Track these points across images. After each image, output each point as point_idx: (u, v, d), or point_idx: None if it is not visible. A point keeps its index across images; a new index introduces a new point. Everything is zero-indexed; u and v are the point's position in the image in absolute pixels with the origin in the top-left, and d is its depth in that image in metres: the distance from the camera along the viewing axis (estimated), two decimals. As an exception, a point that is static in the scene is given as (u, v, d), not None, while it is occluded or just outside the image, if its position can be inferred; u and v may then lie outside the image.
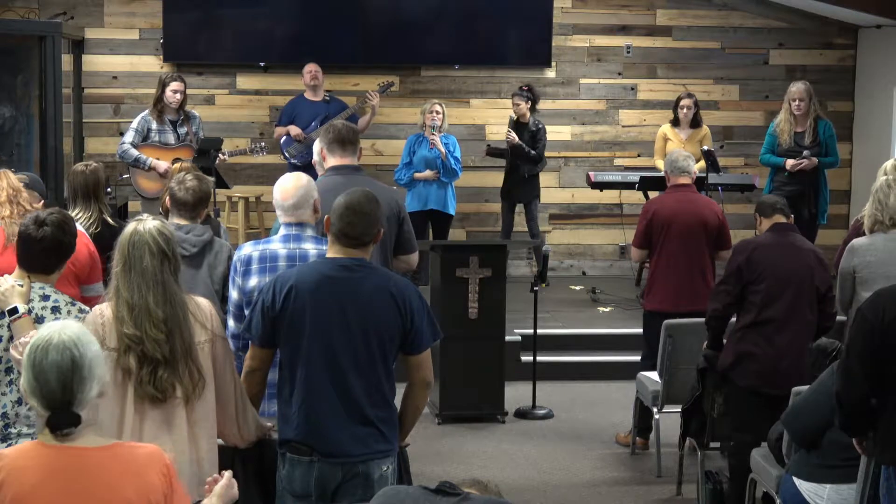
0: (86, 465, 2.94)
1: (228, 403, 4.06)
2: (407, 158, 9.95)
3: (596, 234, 11.62)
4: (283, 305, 4.12)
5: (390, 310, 4.15)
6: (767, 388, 5.77)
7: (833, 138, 9.30)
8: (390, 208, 5.50)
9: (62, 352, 2.94)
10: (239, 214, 10.69)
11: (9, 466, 2.92)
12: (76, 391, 2.94)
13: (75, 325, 3.05)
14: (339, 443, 4.11)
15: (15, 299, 4.12)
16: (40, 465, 2.92)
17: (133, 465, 3.00)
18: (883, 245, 6.10)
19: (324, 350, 4.12)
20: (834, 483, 4.78)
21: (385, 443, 4.20)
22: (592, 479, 6.88)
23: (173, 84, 9.11)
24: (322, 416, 4.12)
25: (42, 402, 2.94)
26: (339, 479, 4.14)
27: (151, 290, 3.86)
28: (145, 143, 9.09)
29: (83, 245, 4.99)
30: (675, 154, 7.43)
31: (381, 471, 4.18)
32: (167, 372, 3.84)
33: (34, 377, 2.94)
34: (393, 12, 11.29)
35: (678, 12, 11.57)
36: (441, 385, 7.83)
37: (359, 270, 4.19)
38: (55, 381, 2.93)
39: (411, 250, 5.63)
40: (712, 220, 7.18)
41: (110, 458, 2.98)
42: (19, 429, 4.14)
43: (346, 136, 5.55)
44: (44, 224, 4.24)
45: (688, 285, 7.12)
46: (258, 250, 4.79)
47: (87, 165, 6.05)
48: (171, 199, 5.21)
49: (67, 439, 2.94)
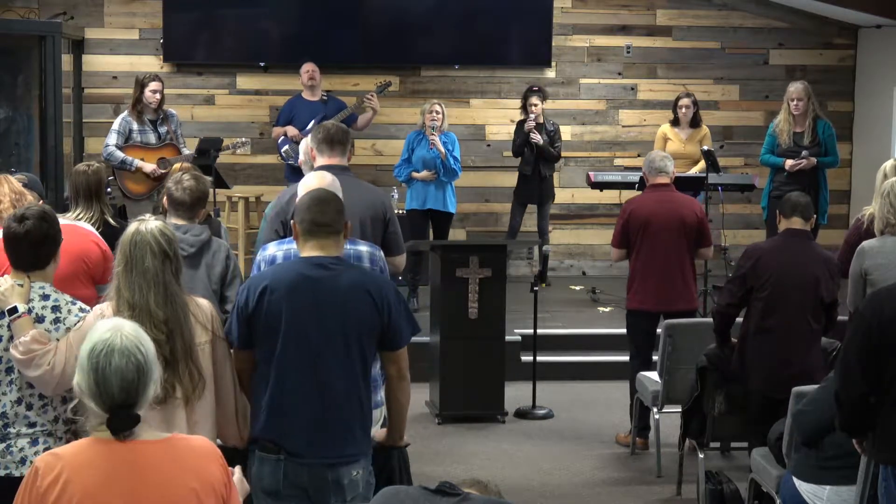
0: (146, 459, 2.92)
1: (228, 404, 4.06)
2: (406, 155, 9.94)
3: (596, 234, 11.62)
4: (256, 306, 4.10)
5: (367, 307, 4.13)
6: (774, 394, 5.78)
7: (833, 138, 9.30)
8: (375, 209, 5.45)
9: (128, 357, 2.89)
10: (239, 214, 10.68)
11: (70, 465, 2.89)
12: (140, 395, 2.91)
13: (131, 325, 3.00)
14: (307, 443, 4.08)
15: (14, 299, 4.12)
16: (101, 463, 2.90)
17: (192, 456, 2.99)
18: (893, 247, 6.09)
19: (300, 349, 4.10)
20: (833, 485, 4.78)
21: (355, 445, 4.15)
22: (592, 479, 6.88)
23: (152, 84, 9.12)
24: (291, 416, 4.09)
25: (102, 406, 2.90)
26: (307, 482, 4.10)
27: (152, 290, 3.86)
28: (128, 144, 9.10)
29: (94, 244, 5.00)
30: (653, 155, 7.48)
31: (351, 476, 4.12)
32: (167, 372, 3.83)
33: (95, 382, 2.89)
34: (393, 12, 11.29)
35: (678, 12, 11.57)
36: (441, 385, 7.84)
37: (334, 268, 4.17)
38: (118, 387, 2.88)
39: (398, 252, 5.56)
40: (690, 218, 7.20)
41: (169, 450, 2.96)
42: (18, 429, 4.13)
43: (334, 137, 5.52)
44: (25, 219, 4.23)
45: (667, 284, 7.15)
46: (282, 250, 4.77)
47: (89, 166, 6.04)
48: (168, 200, 5.20)
49: (129, 437, 2.92)
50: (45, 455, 2.95)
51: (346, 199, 5.12)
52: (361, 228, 5.40)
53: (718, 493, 5.89)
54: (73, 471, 2.88)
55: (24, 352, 4.01)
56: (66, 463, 2.89)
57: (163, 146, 9.17)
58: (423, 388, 7.99)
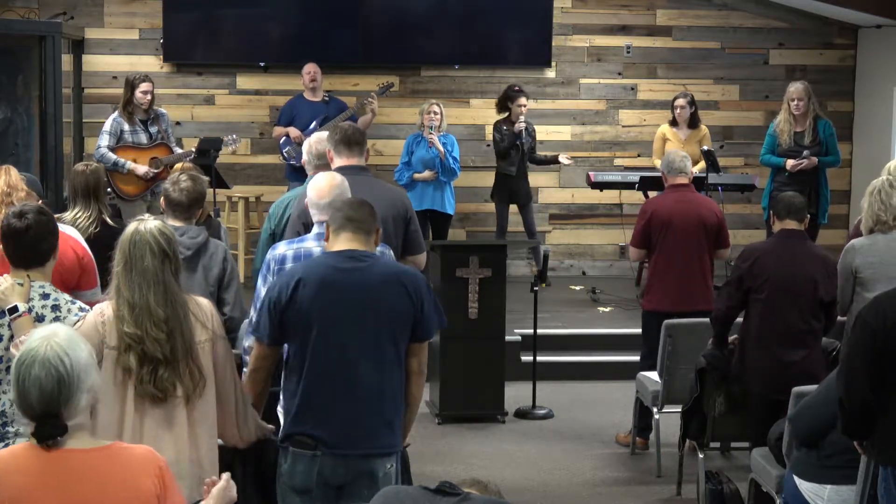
0: (76, 467, 2.91)
1: (228, 403, 4.06)
2: (406, 158, 9.96)
3: (596, 234, 11.62)
4: (290, 299, 4.12)
5: (402, 297, 4.16)
6: (776, 395, 5.78)
7: (833, 137, 9.29)
8: (396, 209, 5.50)
9: (48, 369, 2.87)
10: (239, 214, 10.68)
11: (1, 470, 2.90)
12: (62, 406, 2.89)
13: (64, 333, 2.97)
14: (345, 435, 4.10)
15: (15, 298, 4.11)
16: (31, 468, 2.90)
17: (124, 466, 2.97)
18: (885, 245, 6.09)
19: (333, 341, 4.12)
20: (834, 484, 4.78)
21: (392, 437, 4.19)
22: (592, 479, 6.88)
23: (143, 85, 9.12)
24: (327, 409, 4.11)
25: (26, 415, 2.91)
26: (343, 476, 4.12)
27: (152, 289, 3.86)
28: (119, 144, 9.10)
29: (71, 249, 4.87)
30: (672, 154, 7.44)
31: (385, 469, 4.16)
32: (168, 371, 3.84)
33: (17, 392, 2.89)
34: (393, 12, 11.29)
35: (678, 12, 11.57)
36: (441, 385, 7.84)
37: (366, 260, 4.20)
38: (37, 398, 2.87)
39: (419, 251, 5.64)
40: (711, 219, 7.19)
41: (101, 459, 2.95)
42: (17, 428, 4.14)
43: (352, 137, 5.55)
44: (24, 214, 4.23)
45: (686, 285, 7.13)
46: (293, 249, 4.78)
47: (88, 165, 6.04)
48: (165, 201, 5.19)
49: (55, 445, 2.91)
50: None
51: (367, 198, 5.15)
52: (383, 227, 5.44)
53: (718, 493, 5.89)
54: (3, 476, 2.89)
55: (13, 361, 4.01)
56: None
57: (154, 146, 9.18)
58: (424, 388, 7.97)
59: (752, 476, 5.64)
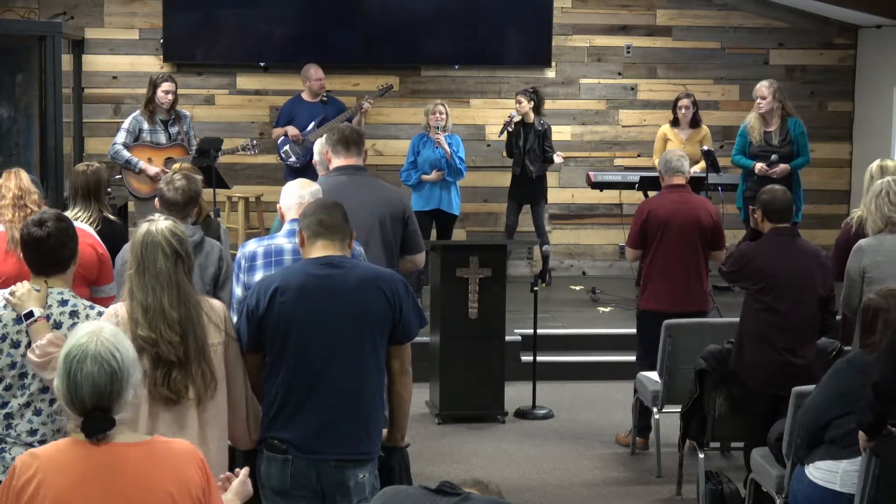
0: (123, 462, 2.93)
1: (240, 405, 4.05)
2: (412, 157, 9.93)
3: (596, 234, 11.62)
4: (268, 307, 4.09)
5: (380, 302, 4.14)
6: (774, 391, 5.79)
7: (804, 136, 9.24)
8: (394, 208, 5.51)
9: (101, 364, 2.90)
10: (239, 214, 10.68)
11: (45, 466, 2.91)
12: (113, 401, 2.92)
13: (109, 329, 3.00)
14: (316, 440, 4.08)
15: (31, 303, 4.12)
16: (77, 464, 2.91)
17: (171, 460, 2.99)
18: (892, 245, 6.12)
19: (311, 348, 4.09)
20: (849, 458, 4.76)
21: (368, 442, 4.16)
22: (592, 479, 6.88)
23: (165, 84, 9.11)
24: (301, 415, 4.08)
25: (75, 410, 2.92)
26: (315, 483, 4.09)
27: (166, 291, 3.86)
28: (137, 143, 9.09)
29: (88, 245, 4.97)
30: (670, 154, 7.44)
31: (358, 479, 4.12)
32: (180, 373, 3.83)
33: (67, 387, 2.91)
34: (393, 12, 11.29)
35: (678, 12, 11.57)
36: (441, 385, 7.84)
37: (343, 265, 4.18)
38: (89, 393, 2.90)
39: (417, 250, 5.65)
40: (707, 220, 7.19)
41: (147, 453, 2.97)
42: (19, 432, 4.13)
43: (350, 138, 5.57)
44: (44, 222, 4.24)
45: (682, 285, 7.15)
46: (262, 246, 4.79)
47: (89, 166, 6.05)
48: (160, 200, 5.20)
49: (104, 439, 2.93)
50: (24, 454, 2.98)
51: (365, 198, 5.16)
52: (381, 226, 5.45)
53: (718, 493, 5.90)
54: (48, 471, 2.90)
55: (41, 354, 4.01)
56: (41, 463, 2.92)
57: (171, 146, 9.16)
58: (423, 388, 7.99)
59: (752, 476, 5.65)
